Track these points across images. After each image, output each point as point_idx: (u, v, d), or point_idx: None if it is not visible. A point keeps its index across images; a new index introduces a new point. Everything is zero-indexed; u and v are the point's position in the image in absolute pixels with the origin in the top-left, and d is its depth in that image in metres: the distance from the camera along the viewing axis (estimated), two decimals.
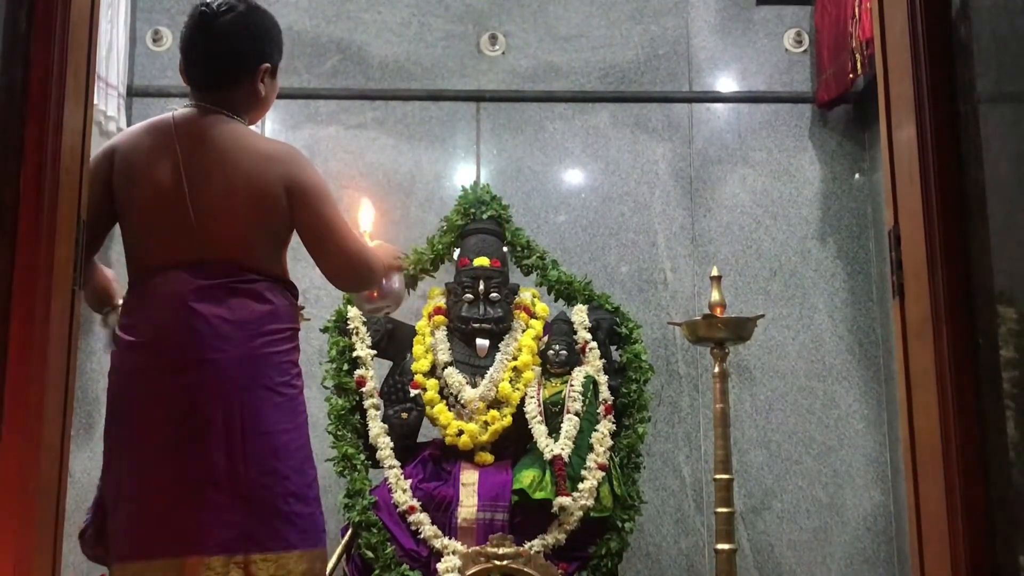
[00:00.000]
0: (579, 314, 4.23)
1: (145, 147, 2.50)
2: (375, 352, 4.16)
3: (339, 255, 2.51)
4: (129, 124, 4.67)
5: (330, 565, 3.85)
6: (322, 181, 2.55)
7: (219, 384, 2.33)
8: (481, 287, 4.19)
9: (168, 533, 2.28)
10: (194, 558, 2.25)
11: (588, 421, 4.02)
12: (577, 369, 4.12)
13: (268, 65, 2.58)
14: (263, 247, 2.47)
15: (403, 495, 3.92)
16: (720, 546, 3.82)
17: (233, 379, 2.33)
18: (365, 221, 2.88)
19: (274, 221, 2.47)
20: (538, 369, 4.17)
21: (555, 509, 3.85)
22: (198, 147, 2.46)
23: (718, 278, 4.05)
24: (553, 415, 4.06)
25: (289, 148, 2.58)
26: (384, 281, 2.69)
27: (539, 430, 4.01)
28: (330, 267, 2.53)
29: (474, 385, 4.11)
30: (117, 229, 2.56)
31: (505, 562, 3.63)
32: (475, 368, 4.15)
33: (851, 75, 4.50)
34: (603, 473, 3.96)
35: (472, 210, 4.37)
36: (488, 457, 4.06)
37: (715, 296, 4.01)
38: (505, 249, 4.33)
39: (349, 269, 2.54)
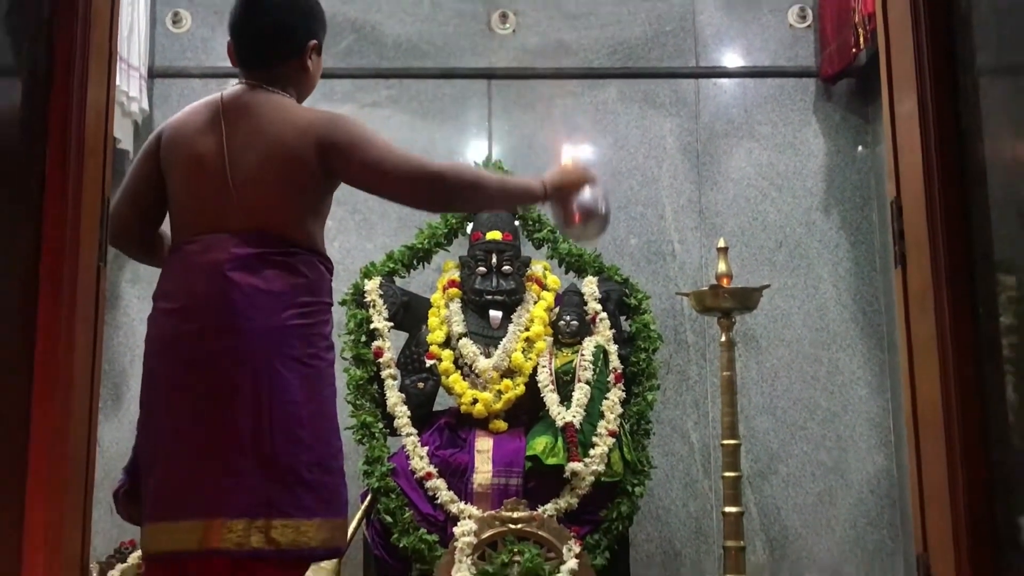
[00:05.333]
0: (589, 285, 4.23)
1: (192, 122, 2.50)
2: (392, 324, 4.17)
3: (401, 183, 2.44)
4: (150, 104, 4.69)
5: (350, 530, 3.88)
6: (359, 130, 2.44)
7: (248, 352, 2.32)
8: (494, 260, 4.20)
9: (193, 496, 2.29)
10: (217, 520, 2.26)
11: (599, 389, 4.03)
12: (588, 339, 4.13)
13: (315, 41, 2.57)
14: (300, 218, 2.43)
15: (420, 462, 3.94)
16: (727, 509, 3.82)
17: (262, 348, 2.33)
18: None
19: (305, 186, 2.43)
20: (550, 339, 4.18)
21: (567, 474, 3.87)
22: (242, 120, 2.45)
23: (725, 249, 4.04)
24: (565, 384, 4.07)
25: (330, 115, 2.50)
26: (571, 201, 2.51)
27: (551, 398, 4.02)
28: (404, 197, 2.53)
29: (488, 355, 4.12)
30: None
31: (519, 526, 3.65)
32: (489, 339, 4.16)
33: (854, 49, 4.48)
34: (613, 439, 3.97)
35: None
36: (502, 425, 4.08)
37: (722, 267, 4.00)
38: (517, 223, 4.33)
39: (420, 189, 2.46)
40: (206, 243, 2.39)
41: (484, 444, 4.00)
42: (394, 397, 4.06)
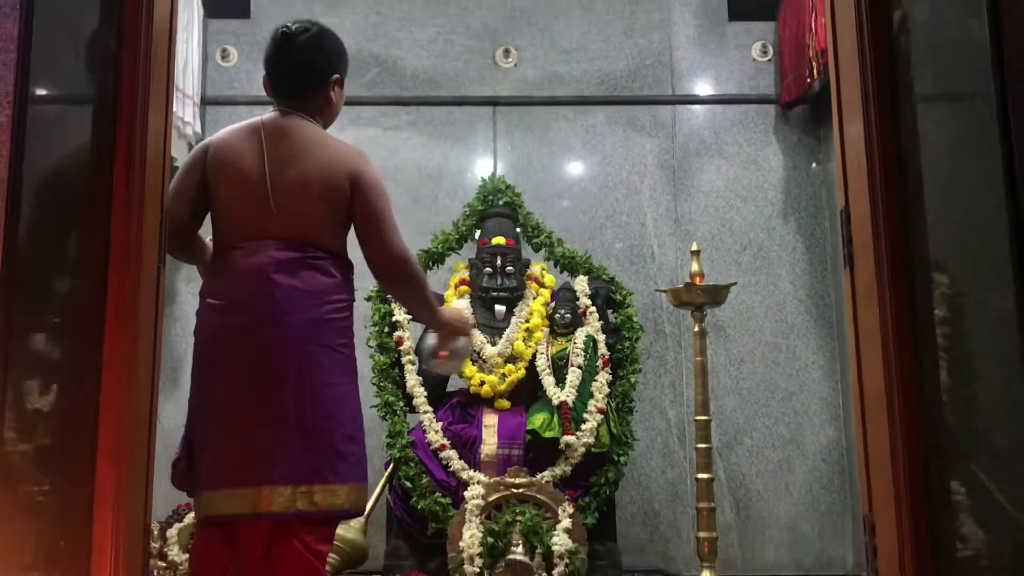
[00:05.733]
0: (581, 283, 4.23)
1: (236, 142, 2.51)
2: (410, 317, 4.17)
3: (382, 244, 2.45)
4: (203, 129, 4.69)
5: (375, 494, 3.89)
6: (380, 179, 2.50)
7: (291, 342, 2.33)
8: (498, 262, 4.20)
9: (247, 466, 2.29)
10: (268, 487, 2.27)
11: (589, 372, 4.03)
12: (579, 329, 4.13)
13: (337, 75, 2.62)
14: (330, 228, 2.46)
15: (435, 435, 3.94)
16: (700, 476, 3.83)
17: (303, 338, 2.34)
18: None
19: (339, 207, 2.46)
20: (547, 330, 4.18)
21: (562, 446, 3.87)
22: (280, 141, 2.47)
23: (697, 252, 4.04)
24: (559, 368, 4.07)
25: (355, 148, 2.58)
26: (449, 340, 2.63)
27: (548, 380, 4.02)
28: (373, 254, 2.46)
29: (493, 343, 4.12)
30: None
31: (521, 490, 3.65)
32: (494, 329, 4.16)
33: (808, 80, 4.47)
34: (601, 416, 3.97)
35: (490, 197, 4.36)
36: (506, 403, 4.08)
37: (695, 267, 4.00)
38: (518, 230, 4.33)
39: (389, 259, 2.46)
40: (251, 248, 2.40)
41: (490, 420, 4.00)
42: (413, 380, 4.06)
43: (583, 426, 3.91)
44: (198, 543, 2.40)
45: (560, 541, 3.48)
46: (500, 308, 4.18)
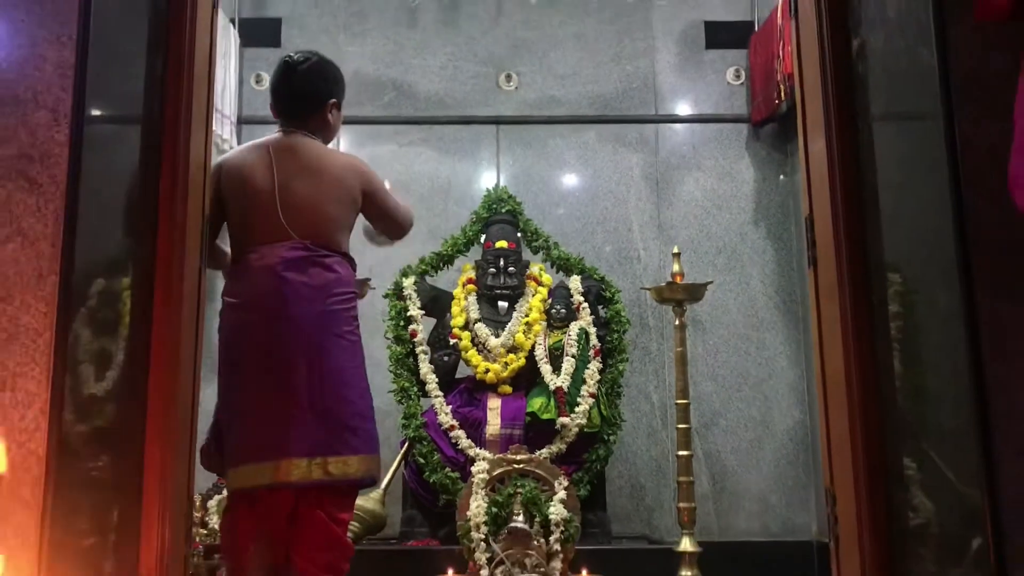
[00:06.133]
0: (574, 282, 4.23)
1: (247, 159, 2.52)
2: (423, 312, 4.17)
3: (396, 225, 2.70)
4: (239, 145, 4.68)
5: (392, 469, 3.89)
6: (380, 181, 2.64)
7: (301, 333, 2.35)
8: (501, 263, 4.20)
9: (268, 443, 2.31)
10: (285, 460, 2.28)
11: (582, 361, 4.03)
12: (573, 323, 4.13)
13: (334, 100, 2.62)
14: (338, 230, 2.50)
15: (445, 417, 3.94)
16: (680, 453, 3.82)
17: (312, 329, 2.36)
18: None
19: (349, 213, 2.53)
20: (544, 323, 4.18)
21: (558, 426, 3.87)
22: (287, 157, 2.49)
23: (678, 254, 4.02)
24: (556, 357, 4.07)
25: (358, 160, 2.65)
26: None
27: (545, 368, 4.02)
28: (389, 231, 2.72)
29: (497, 335, 4.12)
30: None
31: (521, 465, 3.64)
32: (497, 323, 4.16)
33: (777, 101, 4.46)
34: (593, 399, 3.97)
35: (494, 206, 4.36)
36: (508, 388, 4.08)
37: (676, 268, 3.99)
38: (519, 235, 4.33)
39: (401, 231, 2.73)
40: (263, 252, 2.42)
41: (494, 403, 4.00)
42: (425, 367, 4.07)
43: (577, 409, 3.91)
44: (226, 515, 2.41)
45: (556, 511, 3.48)
46: (503, 304, 4.18)
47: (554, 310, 4.15)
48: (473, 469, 3.68)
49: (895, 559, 1.93)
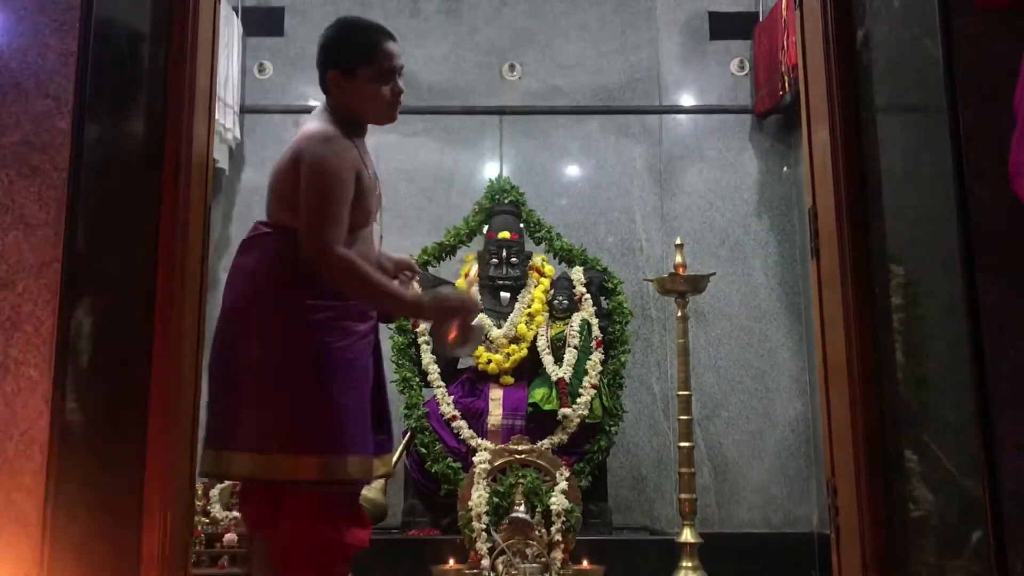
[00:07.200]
0: (577, 273, 4.23)
1: None
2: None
3: (303, 221, 1.99)
4: (241, 134, 4.68)
5: (394, 459, 3.89)
6: (320, 162, 2.02)
7: (235, 319, 2.05)
8: (504, 254, 4.19)
9: (215, 431, 2.02)
10: (226, 452, 1.98)
11: (584, 352, 4.03)
12: (576, 314, 4.13)
13: (333, 71, 2.15)
14: (277, 207, 2.09)
15: (447, 407, 3.95)
16: (682, 444, 3.82)
17: (244, 314, 2.04)
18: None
19: (286, 186, 2.06)
20: (547, 314, 4.18)
21: (560, 417, 3.88)
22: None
23: (680, 246, 4.03)
24: (558, 348, 4.08)
25: (321, 133, 2.09)
26: (449, 324, 2.07)
27: (547, 359, 4.03)
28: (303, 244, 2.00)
29: (499, 326, 4.12)
30: None
31: (523, 456, 3.65)
32: (500, 314, 4.16)
33: (781, 92, 4.45)
34: (595, 390, 3.98)
35: (497, 196, 4.36)
36: (510, 379, 4.08)
37: (678, 259, 3.99)
38: (522, 225, 4.32)
39: (304, 236, 1.97)
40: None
41: (496, 394, 4.01)
42: (427, 358, 4.07)
43: (578, 400, 3.92)
44: (304, 523, 2.02)
45: (557, 501, 3.49)
46: (505, 295, 4.18)
47: (556, 301, 4.15)
48: (475, 459, 3.69)
49: (896, 550, 1.93)
